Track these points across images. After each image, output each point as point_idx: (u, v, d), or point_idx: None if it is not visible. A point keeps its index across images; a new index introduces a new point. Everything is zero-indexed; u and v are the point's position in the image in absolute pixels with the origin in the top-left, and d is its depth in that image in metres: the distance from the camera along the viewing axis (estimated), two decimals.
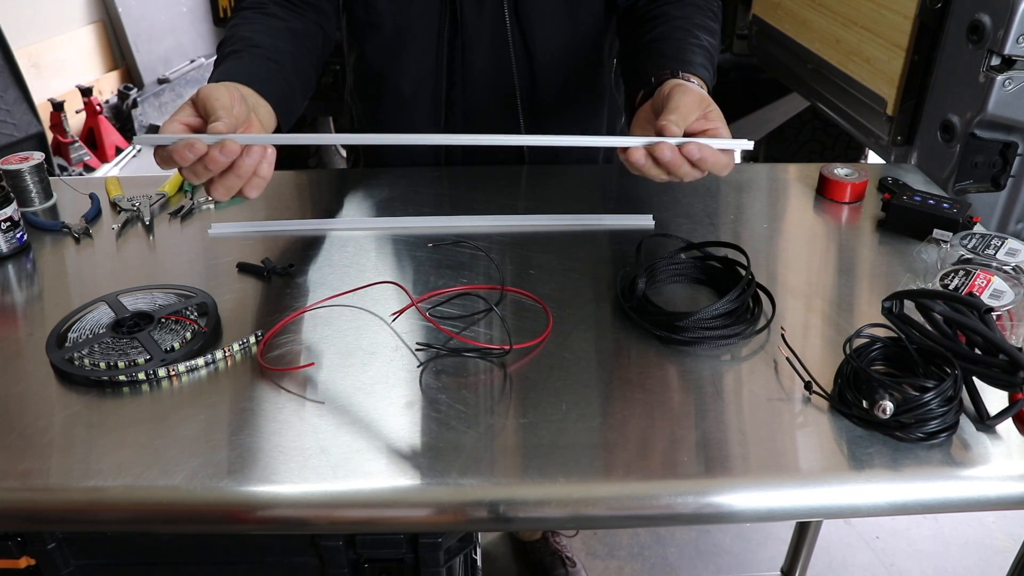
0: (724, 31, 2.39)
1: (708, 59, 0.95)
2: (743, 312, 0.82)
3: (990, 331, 0.69)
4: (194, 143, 0.73)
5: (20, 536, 0.69)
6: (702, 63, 0.93)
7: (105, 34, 4.20)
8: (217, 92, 0.78)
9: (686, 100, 0.81)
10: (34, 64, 3.62)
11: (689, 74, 0.89)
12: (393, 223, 1.04)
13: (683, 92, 0.82)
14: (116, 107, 4.11)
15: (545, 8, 1.09)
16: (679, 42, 0.96)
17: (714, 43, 1.00)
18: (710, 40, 0.99)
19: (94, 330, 0.80)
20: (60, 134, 3.63)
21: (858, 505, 0.64)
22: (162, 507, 0.63)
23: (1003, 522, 1.88)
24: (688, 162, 0.78)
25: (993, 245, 0.90)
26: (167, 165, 0.76)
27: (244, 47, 0.91)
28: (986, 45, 1.06)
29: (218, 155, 0.74)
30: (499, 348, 0.78)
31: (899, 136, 1.29)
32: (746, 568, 1.78)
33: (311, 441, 0.67)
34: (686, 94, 0.81)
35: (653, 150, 0.78)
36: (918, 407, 0.65)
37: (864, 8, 1.36)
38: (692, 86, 0.84)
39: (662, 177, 0.81)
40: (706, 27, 1.00)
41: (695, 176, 0.80)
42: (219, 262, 0.95)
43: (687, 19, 0.99)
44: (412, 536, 0.70)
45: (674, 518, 0.64)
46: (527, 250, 0.97)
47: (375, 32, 1.11)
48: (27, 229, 0.99)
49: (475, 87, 1.13)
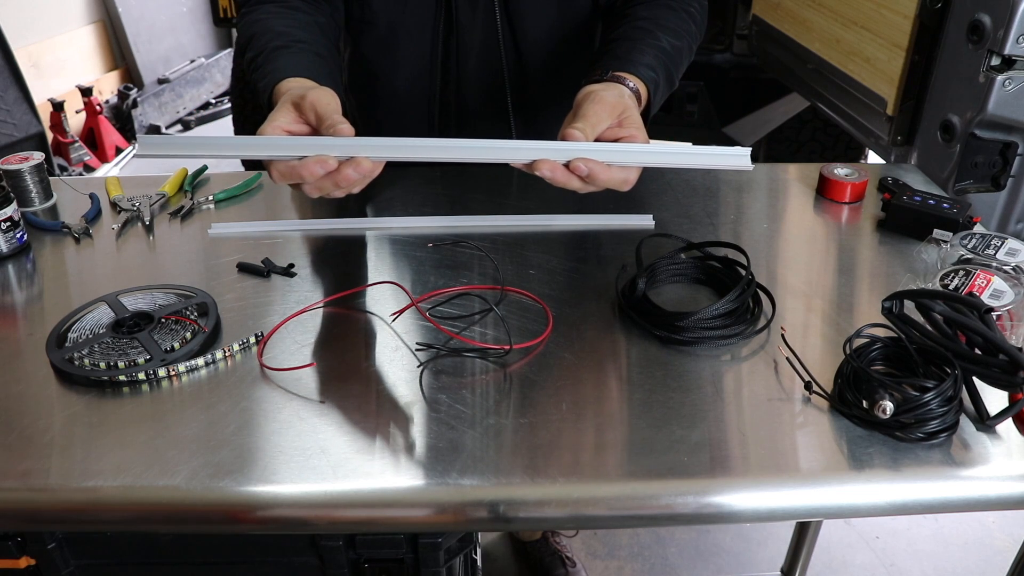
0: (724, 31, 2.38)
1: (661, 60, 0.93)
2: (743, 312, 0.82)
3: (990, 331, 0.69)
4: (326, 159, 0.70)
5: (20, 536, 0.69)
6: (649, 63, 0.91)
7: (105, 34, 4.20)
8: (326, 97, 0.76)
9: (595, 108, 0.78)
10: (34, 64, 3.62)
11: (625, 74, 0.87)
12: (393, 223, 1.04)
13: (593, 100, 0.79)
14: (116, 107, 4.11)
15: (534, 7, 1.09)
16: (633, 43, 0.93)
17: (678, 44, 0.97)
18: (673, 42, 0.96)
19: (94, 330, 0.80)
20: (60, 134, 3.64)
21: (858, 505, 0.64)
22: (162, 507, 0.63)
23: (1003, 522, 1.88)
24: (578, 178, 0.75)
25: (993, 245, 0.90)
26: (286, 180, 0.73)
27: (289, 42, 0.90)
28: (986, 45, 1.06)
29: (351, 173, 0.71)
30: (499, 348, 0.78)
31: (899, 136, 1.29)
32: (746, 568, 1.78)
33: (311, 441, 0.67)
34: (597, 102, 0.79)
35: (532, 167, 0.75)
36: (918, 407, 0.65)
37: (864, 8, 1.36)
38: (606, 93, 0.81)
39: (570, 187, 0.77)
40: (672, 29, 0.97)
41: (589, 190, 0.77)
42: (219, 262, 0.95)
43: (652, 20, 0.98)
44: (412, 536, 0.70)
45: (674, 518, 0.64)
46: (527, 250, 0.97)
47: (370, 29, 1.11)
48: (27, 229, 0.99)
49: (467, 84, 1.14)
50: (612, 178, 0.76)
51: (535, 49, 1.12)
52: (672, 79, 0.96)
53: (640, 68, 0.90)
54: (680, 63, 0.98)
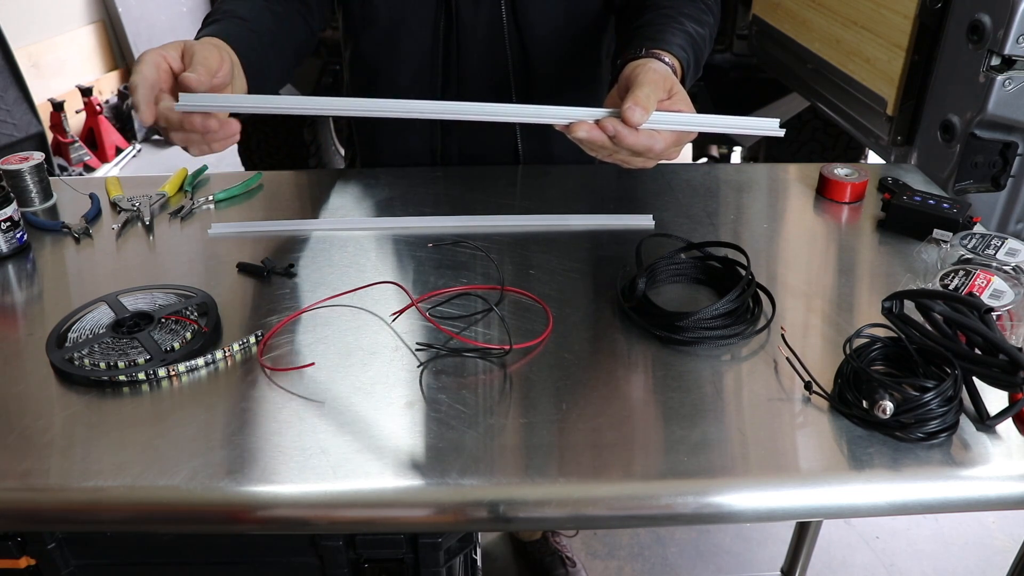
0: (724, 31, 2.38)
1: (689, 43, 0.93)
2: (743, 312, 0.82)
3: (990, 331, 0.69)
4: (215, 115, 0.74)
5: (20, 536, 0.69)
6: (680, 44, 0.91)
7: (105, 34, 4.21)
8: (208, 52, 0.79)
9: (650, 78, 0.79)
10: (34, 64, 3.63)
11: (661, 51, 0.88)
12: (393, 223, 1.04)
13: (646, 70, 0.80)
14: (116, 107, 4.12)
15: (542, 4, 1.09)
16: (660, 26, 0.94)
17: (701, 32, 0.98)
18: (696, 29, 0.97)
19: (94, 330, 0.80)
20: (60, 134, 3.64)
21: (858, 505, 0.64)
22: (162, 507, 0.63)
23: (1003, 522, 1.88)
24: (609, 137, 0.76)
25: (993, 245, 0.90)
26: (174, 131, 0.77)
27: (225, 17, 0.93)
28: (986, 45, 1.06)
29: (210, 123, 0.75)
30: (499, 348, 0.78)
31: (899, 136, 1.29)
32: (746, 568, 1.78)
33: (311, 441, 0.67)
34: (649, 72, 0.80)
35: (569, 129, 0.76)
36: (918, 407, 0.65)
37: (864, 8, 1.36)
38: (655, 65, 0.82)
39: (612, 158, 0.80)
40: (694, 17, 0.98)
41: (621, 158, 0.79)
42: (219, 262, 0.95)
43: (674, 8, 0.99)
44: (412, 536, 0.70)
45: (674, 518, 0.64)
46: (527, 250, 0.97)
47: (371, 27, 1.11)
48: (27, 229, 0.99)
49: (470, 82, 1.14)
50: (637, 142, 0.76)
51: (541, 46, 1.11)
52: (699, 64, 0.97)
53: (673, 47, 0.90)
54: (704, 50, 0.99)
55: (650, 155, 0.79)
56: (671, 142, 0.79)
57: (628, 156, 0.79)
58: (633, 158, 0.80)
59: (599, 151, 0.80)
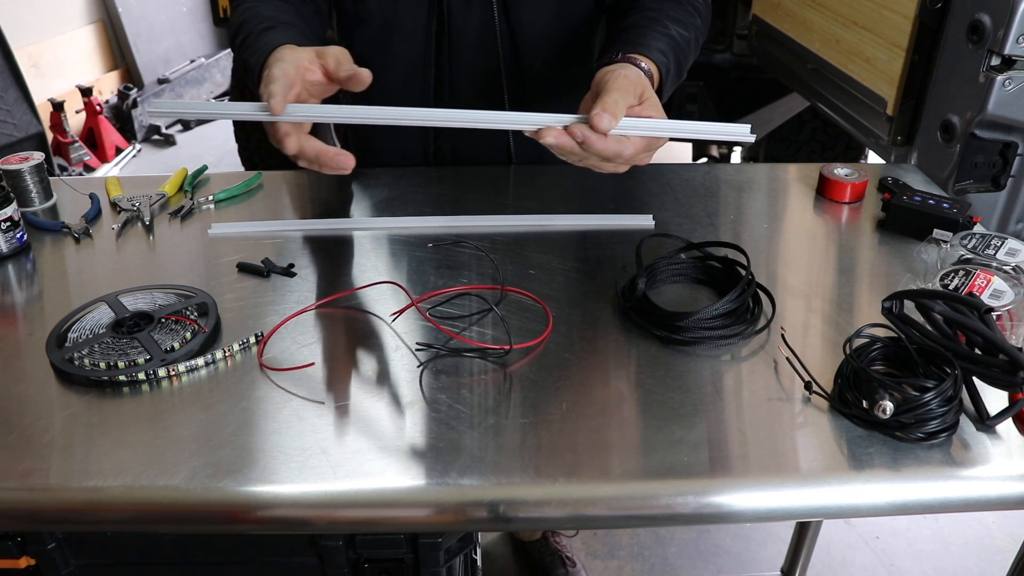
0: (724, 31, 2.38)
1: (670, 47, 0.93)
2: (743, 312, 0.82)
3: (990, 331, 0.69)
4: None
5: (20, 536, 0.69)
6: (660, 48, 0.91)
7: (105, 34, 4.21)
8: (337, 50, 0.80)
9: (620, 84, 0.78)
10: (34, 64, 3.63)
11: (638, 55, 0.87)
12: (393, 223, 1.04)
13: (616, 77, 0.79)
14: (116, 107, 4.12)
15: (534, 4, 1.09)
16: (642, 29, 0.94)
17: (685, 35, 0.97)
18: (681, 32, 0.96)
19: (94, 330, 0.80)
20: (60, 134, 3.64)
21: (858, 505, 0.64)
22: (162, 507, 0.63)
23: (1003, 522, 1.88)
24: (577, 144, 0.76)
25: (993, 245, 0.90)
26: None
27: (277, 23, 0.91)
28: (986, 45, 1.06)
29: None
30: (499, 348, 0.78)
31: (899, 136, 1.29)
32: (746, 568, 1.78)
33: (311, 441, 0.67)
34: (620, 79, 0.79)
35: (538, 135, 0.76)
36: (918, 407, 0.65)
37: (864, 8, 1.36)
38: (626, 71, 0.82)
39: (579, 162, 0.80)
40: (680, 20, 0.98)
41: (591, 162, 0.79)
42: (219, 262, 0.95)
43: (659, 11, 0.98)
44: (412, 536, 0.70)
45: (674, 518, 0.64)
46: (527, 250, 0.97)
47: (363, 26, 1.12)
48: (27, 229, 0.99)
49: (462, 81, 1.14)
50: (606, 147, 0.76)
51: (533, 46, 1.11)
52: (681, 68, 0.96)
53: (652, 52, 0.89)
54: (688, 54, 0.98)
55: (620, 160, 0.78)
56: (641, 148, 0.79)
57: (598, 161, 0.78)
58: (603, 163, 0.79)
59: (569, 156, 0.79)
